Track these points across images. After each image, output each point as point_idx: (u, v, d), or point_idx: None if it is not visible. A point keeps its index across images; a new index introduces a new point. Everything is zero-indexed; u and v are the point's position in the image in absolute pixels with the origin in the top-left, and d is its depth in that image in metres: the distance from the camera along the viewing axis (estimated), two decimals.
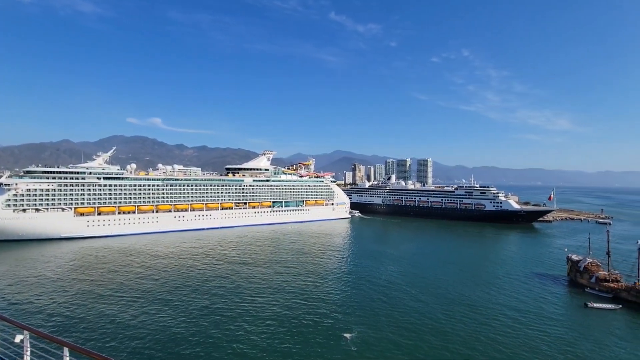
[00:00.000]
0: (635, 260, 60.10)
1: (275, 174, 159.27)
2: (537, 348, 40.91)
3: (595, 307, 53.73)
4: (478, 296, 58.42)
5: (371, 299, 56.31)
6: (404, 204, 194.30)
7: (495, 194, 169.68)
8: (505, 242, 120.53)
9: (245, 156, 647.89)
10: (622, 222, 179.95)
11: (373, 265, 77.76)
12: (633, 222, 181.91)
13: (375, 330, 44.46)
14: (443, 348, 40.54)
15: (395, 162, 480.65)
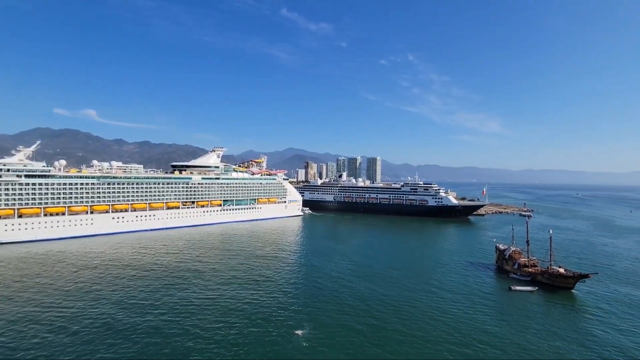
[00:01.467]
0: (549, 247, 69.28)
1: (225, 172, 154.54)
2: (472, 327, 45.49)
3: (517, 290, 60.96)
4: (422, 285, 62.92)
5: (322, 293, 57.74)
6: (354, 200, 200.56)
7: (437, 190, 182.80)
8: (445, 235, 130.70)
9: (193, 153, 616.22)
10: (540, 214, 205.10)
11: (324, 261, 79.55)
12: (549, 214, 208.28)
13: (326, 324, 45.79)
14: (392, 335, 43.13)
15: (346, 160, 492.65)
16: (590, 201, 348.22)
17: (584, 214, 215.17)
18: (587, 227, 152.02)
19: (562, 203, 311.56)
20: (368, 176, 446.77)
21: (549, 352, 39.94)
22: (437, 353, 39.27)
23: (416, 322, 47.30)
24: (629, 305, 55.26)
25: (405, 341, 41.88)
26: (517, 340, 42.46)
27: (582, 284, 61.71)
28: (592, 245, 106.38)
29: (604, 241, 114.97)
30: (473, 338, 42.85)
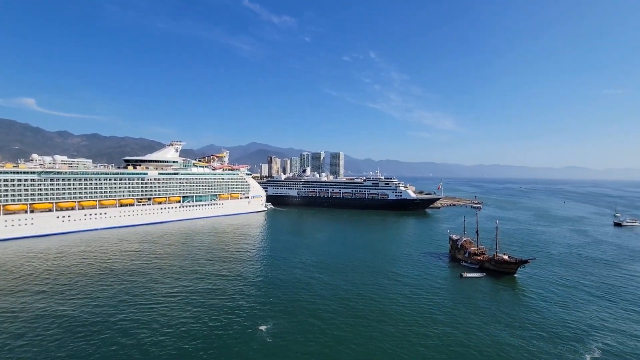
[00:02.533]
0: (495, 236, 75.55)
1: (185, 167, 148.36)
2: (429, 311, 48.69)
3: (467, 277, 65.94)
4: (383, 275, 65.80)
5: (286, 288, 58.29)
6: (318, 195, 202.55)
7: (397, 184, 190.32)
8: (404, 227, 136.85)
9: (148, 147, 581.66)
10: (489, 206, 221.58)
11: (288, 256, 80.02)
12: (496, 206, 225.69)
13: (291, 318, 46.47)
14: (356, 325, 44.83)
15: (310, 155, 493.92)
16: (531, 193, 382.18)
17: (526, 205, 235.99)
18: (528, 217, 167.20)
19: (507, 195, 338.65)
20: (331, 171, 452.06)
21: (495, 331, 43.98)
22: (399, 338, 41.59)
23: (379, 310, 49.58)
24: (562, 285, 62.18)
25: (369, 328, 43.83)
26: (468, 322, 46.20)
27: (523, 269, 68.19)
28: (532, 234, 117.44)
29: (542, 229, 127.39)
30: (431, 322, 45.96)
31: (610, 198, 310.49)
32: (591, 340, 41.42)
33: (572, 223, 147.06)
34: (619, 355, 38.51)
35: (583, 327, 45.05)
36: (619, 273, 70.92)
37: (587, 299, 55.48)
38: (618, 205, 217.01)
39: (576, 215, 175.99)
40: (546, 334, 43.25)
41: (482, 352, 38.69)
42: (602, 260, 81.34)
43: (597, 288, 61.05)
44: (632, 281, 65.53)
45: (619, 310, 51.06)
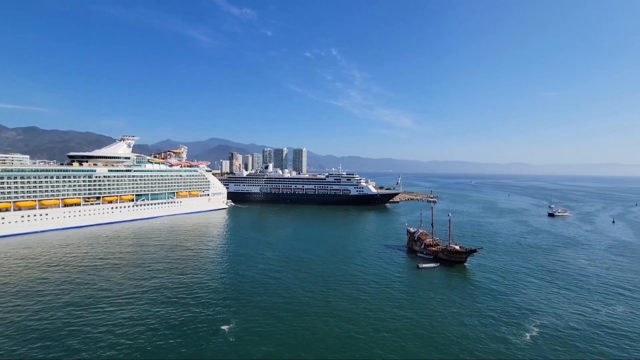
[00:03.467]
0: (448, 228, 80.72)
1: (138, 163, 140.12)
2: (389, 302, 51.03)
3: (423, 267, 69.88)
4: (345, 269, 67.59)
5: (249, 286, 57.85)
6: (281, 192, 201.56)
7: (358, 180, 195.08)
8: (365, 222, 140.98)
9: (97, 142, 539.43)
10: (443, 200, 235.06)
11: (251, 253, 79.22)
12: (450, 200, 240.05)
13: (254, 317, 46.26)
14: (319, 320, 45.74)
15: (272, 151, 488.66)
16: (480, 188, 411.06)
17: (476, 198, 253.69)
18: (478, 209, 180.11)
19: (459, 190, 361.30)
20: (294, 167, 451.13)
21: (448, 316, 47.29)
22: (362, 329, 43.18)
23: (341, 303, 51.02)
24: (505, 271, 68.17)
25: (333, 323, 45.00)
26: (425, 310, 49.20)
27: (472, 258, 73.66)
28: (480, 225, 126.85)
29: (489, 221, 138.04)
30: (390, 312, 48.25)
31: (547, 191, 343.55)
32: (530, 320, 46.09)
33: (514, 214, 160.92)
34: (554, 331, 43.32)
35: (524, 309, 49.94)
36: (553, 258, 79.25)
37: (527, 283, 61.44)
38: (553, 198, 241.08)
39: (518, 207, 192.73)
40: (492, 316, 47.38)
41: (438, 336, 41.49)
42: (539, 248, 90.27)
43: (535, 273, 67.79)
44: (564, 265, 73.60)
45: (553, 292, 57.22)
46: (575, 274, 67.64)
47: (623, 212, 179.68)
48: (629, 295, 56.54)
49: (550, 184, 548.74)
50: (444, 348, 39.03)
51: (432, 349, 38.93)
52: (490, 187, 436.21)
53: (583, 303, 52.56)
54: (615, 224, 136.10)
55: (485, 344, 39.90)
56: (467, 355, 37.62)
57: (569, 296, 55.48)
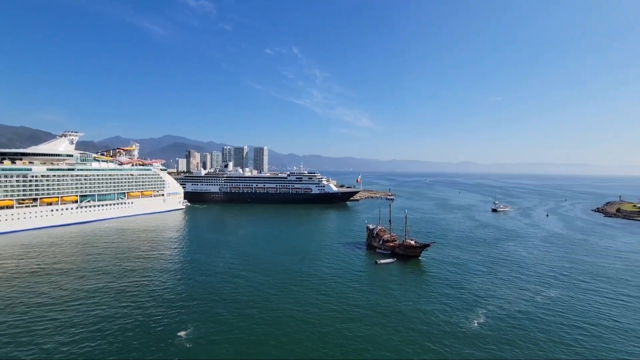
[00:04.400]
0: (404, 224, 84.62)
1: (83, 161, 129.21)
2: (350, 297, 52.35)
3: (382, 263, 72.59)
4: (307, 267, 68.08)
5: (207, 289, 56.15)
6: (241, 191, 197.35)
7: (320, 179, 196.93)
8: (327, 220, 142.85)
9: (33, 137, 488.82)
10: (400, 197, 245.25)
11: (210, 255, 76.86)
12: (407, 197, 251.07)
13: (212, 321, 44.79)
14: (280, 322, 45.65)
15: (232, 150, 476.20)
16: (434, 185, 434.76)
17: (430, 196, 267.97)
18: (432, 206, 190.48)
19: (415, 187, 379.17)
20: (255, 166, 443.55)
21: (405, 308, 49.67)
22: (325, 325, 43.84)
23: (303, 301, 51.35)
24: (456, 263, 73.03)
25: (294, 321, 45.16)
26: (384, 303, 51.20)
27: (426, 252, 77.89)
28: (434, 221, 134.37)
29: (442, 217, 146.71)
30: (351, 307, 49.51)
31: (493, 188, 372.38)
32: (478, 308, 49.90)
33: (464, 210, 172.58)
34: (498, 316, 47.35)
35: (472, 298, 53.92)
36: (498, 250, 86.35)
37: (475, 273, 66.36)
38: (497, 194, 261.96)
39: (467, 204, 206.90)
40: (444, 306, 50.61)
41: (396, 328, 43.46)
42: (485, 241, 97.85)
43: (483, 263, 73.43)
44: (507, 256, 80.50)
45: (498, 280, 62.41)
46: (516, 263, 74.34)
47: (555, 206, 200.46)
48: (561, 280, 63.40)
49: (495, 181, 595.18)
50: (405, 337, 41.01)
51: (394, 337, 40.72)
52: (443, 184, 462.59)
53: (523, 289, 57.99)
54: (548, 217, 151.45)
55: (441, 330, 42.61)
56: (426, 340, 39.90)
57: (511, 283, 60.91)
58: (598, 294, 56.94)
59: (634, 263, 77.10)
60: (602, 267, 73.21)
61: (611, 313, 49.24)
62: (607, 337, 42.37)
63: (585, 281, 63.29)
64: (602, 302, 53.18)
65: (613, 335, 42.70)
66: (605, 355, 38.34)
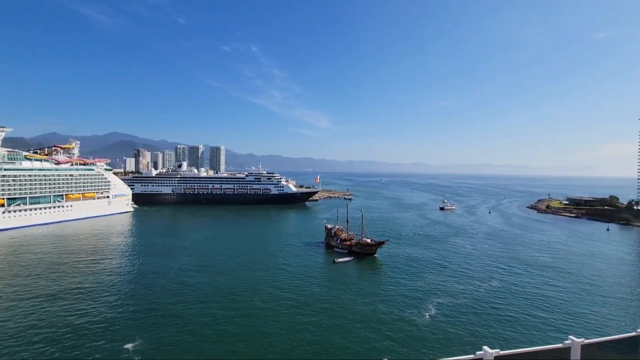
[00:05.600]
0: (361, 223, 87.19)
1: (11, 160, 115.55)
2: (310, 296, 52.71)
3: (339, 262, 74.15)
4: (265, 268, 67.26)
5: (158, 297, 53.25)
6: (196, 192, 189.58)
7: (279, 179, 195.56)
8: (286, 220, 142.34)
9: None
10: (358, 197, 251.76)
11: (161, 260, 72.88)
12: (364, 197, 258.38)
13: (163, 331, 42.23)
14: (238, 325, 44.62)
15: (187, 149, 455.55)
16: (389, 185, 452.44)
17: (385, 195, 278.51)
18: (387, 205, 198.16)
19: (372, 187, 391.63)
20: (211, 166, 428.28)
21: (361, 304, 51.22)
22: (284, 326, 43.65)
23: (262, 303, 50.64)
24: (409, 260, 76.80)
25: (253, 323, 44.46)
26: (341, 301, 52.30)
27: (381, 249, 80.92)
28: (389, 219, 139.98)
29: (396, 215, 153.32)
30: (310, 306, 49.90)
31: (442, 188, 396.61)
32: (429, 301, 52.96)
33: (416, 209, 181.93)
34: (447, 308, 50.67)
35: (424, 292, 57.08)
36: (446, 246, 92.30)
37: (426, 268, 70.32)
38: (446, 193, 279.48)
39: (420, 202, 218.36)
40: (398, 300, 53.06)
41: (355, 322, 44.65)
42: (435, 237, 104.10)
43: (433, 259, 78.05)
44: (455, 251, 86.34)
45: (447, 275, 66.70)
46: (463, 257, 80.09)
47: (496, 204, 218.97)
48: (502, 272, 69.50)
49: (444, 181, 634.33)
50: (362, 333, 42.30)
51: (351, 334, 41.80)
52: (398, 184, 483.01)
53: (469, 282, 62.64)
54: (490, 214, 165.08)
55: (395, 325, 44.56)
56: (381, 336, 41.53)
57: (459, 276, 65.51)
58: (532, 281, 63.33)
59: (560, 253, 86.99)
60: (535, 258, 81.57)
61: (544, 297, 55.11)
62: (542, 317, 47.39)
63: (521, 272, 70.05)
64: (536, 287, 59.27)
65: (545, 314, 47.86)
66: (539, 333, 42.83)
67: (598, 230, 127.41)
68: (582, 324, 46.86)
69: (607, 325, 46.24)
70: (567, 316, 49.00)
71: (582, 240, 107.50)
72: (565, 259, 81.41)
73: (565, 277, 67.16)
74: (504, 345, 40.81)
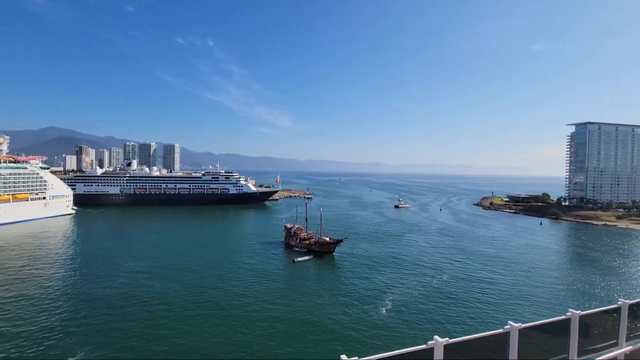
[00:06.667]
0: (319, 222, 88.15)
1: None
2: (268, 295, 52.38)
3: (299, 261, 74.32)
4: (222, 270, 65.44)
5: (105, 305, 49.47)
6: (148, 192, 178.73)
7: (237, 178, 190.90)
8: (245, 220, 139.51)
9: None
10: (318, 196, 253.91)
11: (108, 266, 67.72)
12: (324, 196, 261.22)
13: (108, 342, 39.43)
14: (199, 328, 42.86)
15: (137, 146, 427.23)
16: (348, 184, 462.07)
17: (344, 194, 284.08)
18: (346, 204, 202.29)
19: (331, 187, 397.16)
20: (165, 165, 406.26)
21: (320, 303, 51.81)
22: (244, 327, 42.73)
23: (220, 305, 49.17)
24: (366, 257, 79.13)
25: (211, 327, 43.00)
26: (300, 300, 52.50)
27: (339, 247, 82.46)
28: (348, 217, 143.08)
29: (355, 214, 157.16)
30: (270, 306, 49.45)
31: (398, 187, 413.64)
32: (386, 296, 55.04)
33: (374, 207, 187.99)
34: (402, 302, 53.02)
35: (381, 287, 59.15)
36: (401, 242, 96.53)
37: (383, 265, 72.97)
38: (402, 192, 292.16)
39: (377, 201, 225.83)
40: (356, 297, 54.49)
41: (311, 322, 45.06)
42: (391, 234, 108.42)
43: (389, 255, 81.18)
44: (409, 247, 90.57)
45: (402, 271, 69.72)
46: (417, 253, 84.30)
47: (446, 202, 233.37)
48: (452, 265, 74.26)
49: (399, 180, 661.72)
50: (320, 331, 42.82)
51: (310, 332, 42.14)
52: (356, 183, 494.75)
53: (422, 276, 66.10)
54: (442, 211, 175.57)
55: (352, 321, 45.69)
56: (339, 332, 42.37)
57: (413, 271, 68.84)
58: (478, 272, 68.51)
59: (502, 245, 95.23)
60: (481, 251, 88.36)
61: (489, 286, 59.92)
62: (487, 305, 51.48)
63: (469, 264, 75.43)
64: (482, 278, 64.24)
65: (490, 302, 52.08)
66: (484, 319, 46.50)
67: (533, 224, 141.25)
68: (521, 309, 51.82)
69: (542, 309, 51.62)
70: (509, 303, 53.93)
71: (519, 233, 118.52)
72: (506, 251, 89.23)
73: (506, 267, 73.66)
74: (454, 333, 43.86)
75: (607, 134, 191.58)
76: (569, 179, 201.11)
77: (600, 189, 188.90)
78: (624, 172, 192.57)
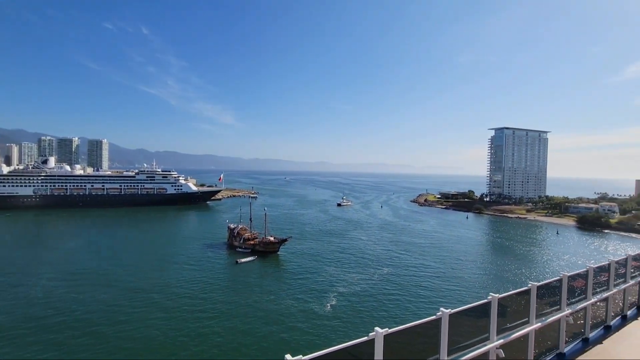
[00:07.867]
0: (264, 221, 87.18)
1: None
2: (210, 296, 50.35)
3: (242, 262, 72.62)
4: (161, 274, 61.17)
5: (14, 324, 43.19)
6: (69, 193, 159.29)
7: (176, 178, 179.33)
8: (185, 221, 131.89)
9: None
10: (263, 195, 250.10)
11: (18, 278, 58.99)
12: (269, 195, 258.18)
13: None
14: (134, 340, 39.44)
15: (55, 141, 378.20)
16: (294, 183, 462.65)
17: (290, 193, 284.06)
18: (291, 203, 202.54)
19: (277, 185, 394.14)
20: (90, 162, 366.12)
21: (266, 303, 51.32)
22: (184, 333, 40.41)
23: (157, 313, 45.95)
24: (311, 255, 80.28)
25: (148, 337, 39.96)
26: (245, 301, 51.40)
27: (284, 247, 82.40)
28: (293, 216, 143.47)
29: (300, 212, 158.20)
30: (212, 309, 47.60)
31: (342, 185, 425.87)
32: (330, 292, 56.41)
33: (318, 205, 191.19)
34: (345, 297, 54.88)
35: (325, 284, 60.47)
36: (345, 239, 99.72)
37: (327, 262, 74.68)
38: (345, 190, 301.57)
39: (322, 199, 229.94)
40: (301, 295, 55.05)
41: (256, 323, 44.44)
42: (335, 232, 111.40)
43: (333, 252, 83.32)
44: (352, 244, 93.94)
45: (345, 266, 72.07)
46: (359, 249, 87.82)
47: (387, 199, 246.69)
48: (391, 259, 78.80)
49: (344, 179, 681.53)
50: (265, 331, 42.42)
51: (255, 333, 41.51)
52: (301, 182, 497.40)
53: (364, 270, 69.10)
54: (382, 208, 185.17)
55: (298, 319, 46.13)
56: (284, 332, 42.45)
57: (356, 267, 71.65)
58: (414, 265, 73.81)
59: (434, 238, 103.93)
60: (416, 244, 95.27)
61: (415, 277, 64.90)
62: (423, 294, 55.72)
63: (406, 258, 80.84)
64: (417, 269, 69.35)
65: (424, 292, 56.47)
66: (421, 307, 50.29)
67: (460, 219, 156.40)
68: (452, 294, 57.26)
69: (469, 292, 57.61)
70: (442, 289, 59.34)
71: (449, 227, 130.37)
72: (438, 243, 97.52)
73: (438, 258, 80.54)
74: (393, 324, 46.81)
75: (519, 137, 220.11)
76: (489, 177, 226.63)
77: (514, 186, 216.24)
78: (532, 171, 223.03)
